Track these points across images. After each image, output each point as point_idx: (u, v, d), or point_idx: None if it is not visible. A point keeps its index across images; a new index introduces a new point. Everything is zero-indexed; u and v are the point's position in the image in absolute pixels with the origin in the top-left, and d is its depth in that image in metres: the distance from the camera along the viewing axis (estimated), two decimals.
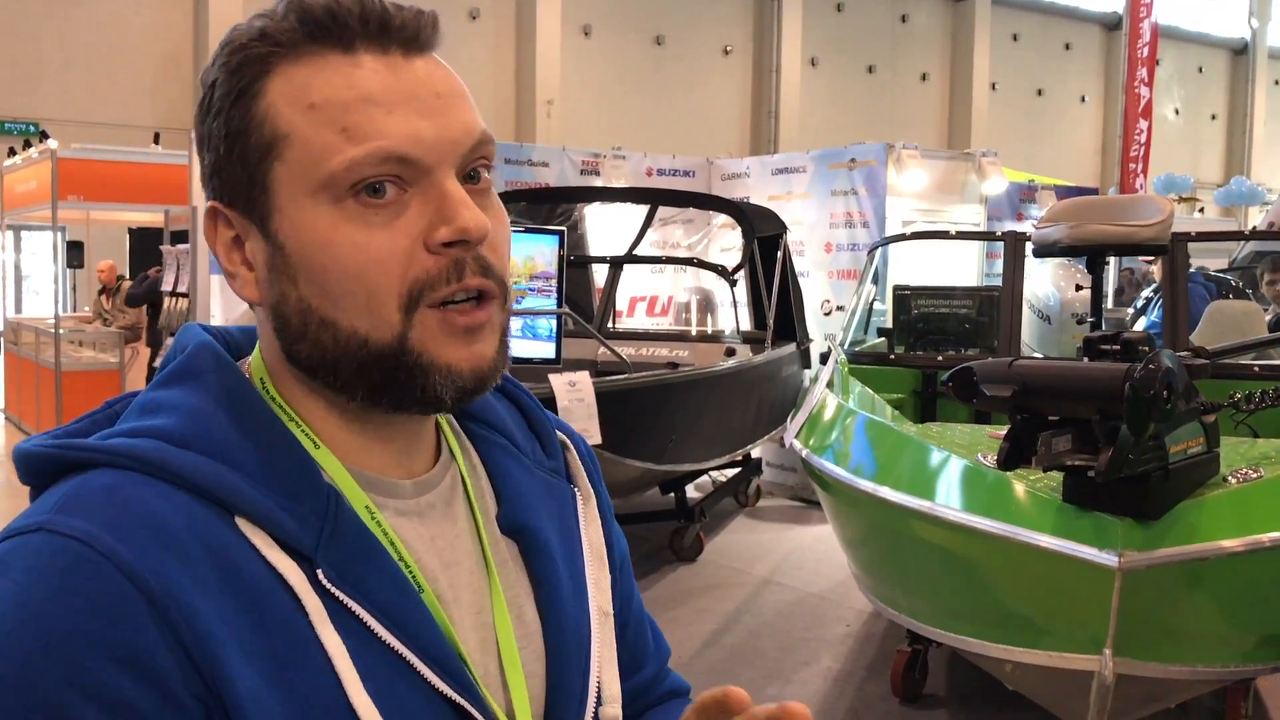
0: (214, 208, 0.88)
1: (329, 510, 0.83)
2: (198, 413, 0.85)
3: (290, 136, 0.83)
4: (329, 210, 0.83)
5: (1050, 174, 17.67)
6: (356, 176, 0.82)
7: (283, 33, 0.84)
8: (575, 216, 8.46)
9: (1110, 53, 29.75)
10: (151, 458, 0.81)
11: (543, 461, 1.05)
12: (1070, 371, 2.95)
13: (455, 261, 0.84)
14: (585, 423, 5.33)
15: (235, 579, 0.78)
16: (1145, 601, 3.02)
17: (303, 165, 0.83)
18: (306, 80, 0.84)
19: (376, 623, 0.81)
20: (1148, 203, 4.73)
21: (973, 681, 4.93)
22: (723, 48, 24.88)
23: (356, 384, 0.86)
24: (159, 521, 0.77)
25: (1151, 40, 13.13)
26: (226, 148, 0.86)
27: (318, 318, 0.84)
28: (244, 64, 0.85)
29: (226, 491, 0.81)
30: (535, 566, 0.98)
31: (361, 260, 0.82)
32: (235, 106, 0.85)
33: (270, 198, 0.84)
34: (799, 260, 9.25)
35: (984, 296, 5.95)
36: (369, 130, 0.82)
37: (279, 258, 0.85)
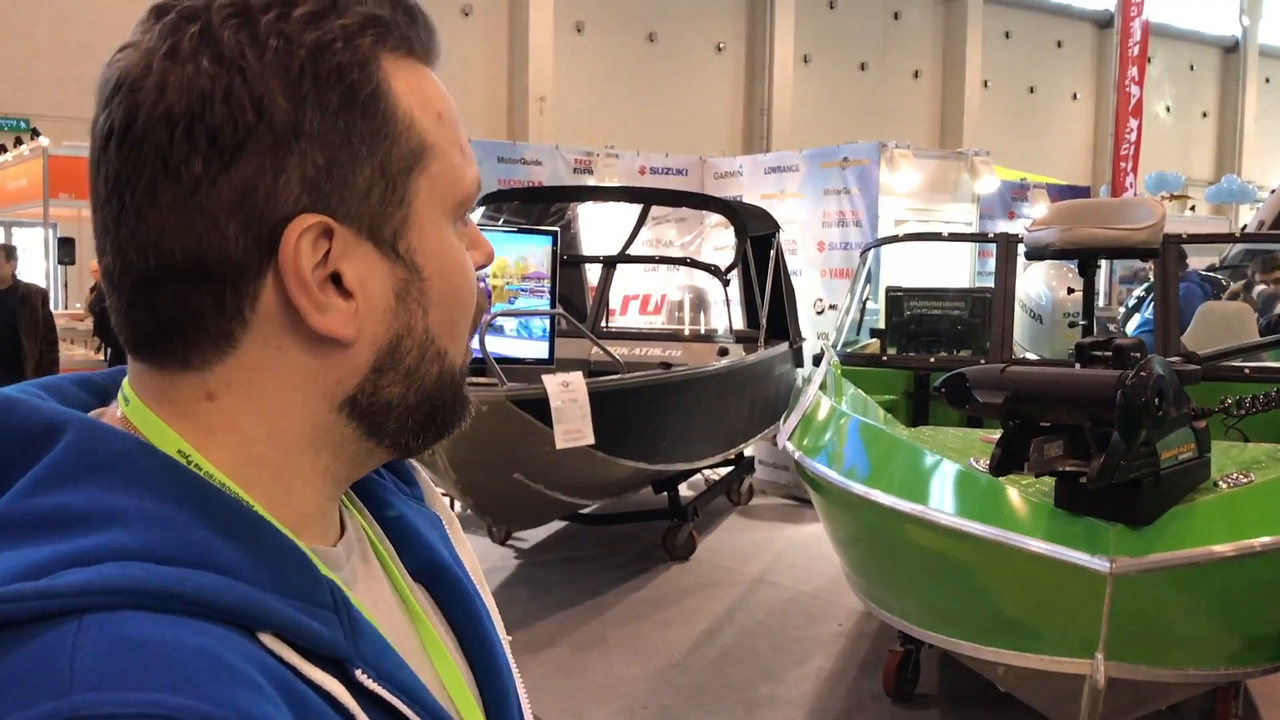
0: (316, 221, 0.68)
1: (338, 603, 0.70)
2: (155, 516, 0.65)
3: (434, 148, 0.73)
4: (455, 231, 0.76)
5: (1042, 171, 17.71)
6: (473, 200, 0.77)
7: (391, 21, 0.72)
8: (568, 216, 8.47)
9: (1102, 50, 29.80)
10: (148, 586, 0.60)
11: (406, 490, 0.94)
12: (1062, 378, 2.97)
13: (481, 288, 0.79)
14: (578, 423, 5.34)
15: (299, 702, 0.63)
16: (1137, 606, 3.04)
17: (444, 180, 0.74)
18: (420, 84, 0.73)
19: (405, 708, 0.71)
20: (1140, 206, 4.75)
21: (965, 681, 4.95)
22: (715, 44, 24.88)
23: (426, 423, 0.77)
24: (220, 659, 0.60)
25: (1142, 38, 13.14)
26: (366, 149, 0.70)
27: (435, 349, 0.75)
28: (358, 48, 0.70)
29: (254, 607, 0.64)
30: (453, 606, 0.88)
31: (473, 283, 0.77)
32: (374, 100, 0.70)
33: (410, 213, 0.72)
34: (792, 259, 9.27)
35: (976, 298, 5.97)
36: (469, 150, 0.77)
37: (414, 283, 0.73)
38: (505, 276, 6.04)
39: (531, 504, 5.88)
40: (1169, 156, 29.23)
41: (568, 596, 6.47)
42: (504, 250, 6.00)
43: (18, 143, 12.56)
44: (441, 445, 3.91)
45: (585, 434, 5.36)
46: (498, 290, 5.94)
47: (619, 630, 5.95)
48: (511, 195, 8.47)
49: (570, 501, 6.23)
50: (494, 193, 8.26)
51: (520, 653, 3.57)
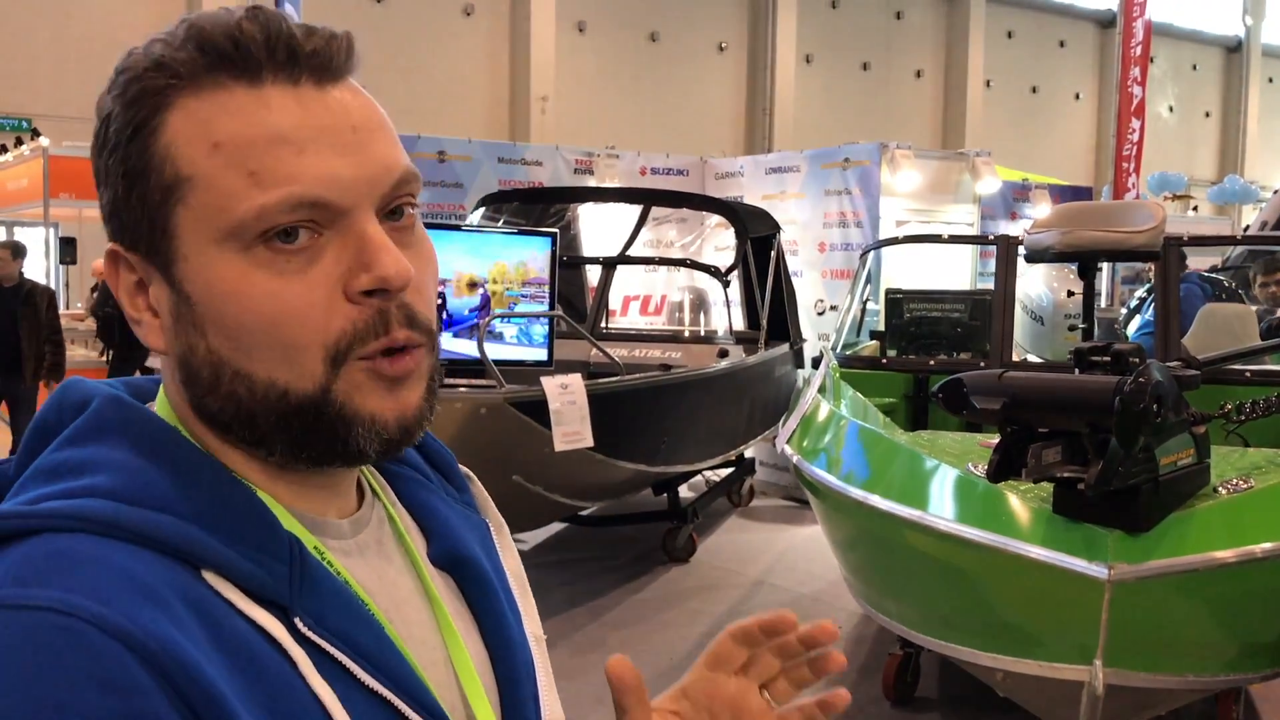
0: (114, 250, 0.81)
1: (294, 557, 0.78)
2: (132, 467, 0.78)
3: (194, 179, 0.77)
4: (238, 258, 0.77)
5: (1044, 172, 17.67)
6: (267, 224, 0.76)
7: (181, 62, 0.78)
8: (568, 216, 8.45)
9: (1105, 50, 29.76)
10: (104, 516, 0.73)
11: (454, 494, 1.02)
12: (1060, 384, 2.95)
13: (379, 312, 0.79)
14: (577, 425, 5.32)
15: (220, 632, 0.72)
16: (1135, 613, 3.02)
17: (208, 210, 0.77)
18: (209, 116, 0.77)
19: (359, 668, 0.78)
20: (1140, 209, 4.73)
21: (965, 685, 4.93)
22: (717, 44, 24.85)
23: (275, 437, 0.80)
24: (137, 579, 0.70)
25: (1145, 38, 13.11)
26: (125, 187, 0.79)
27: (231, 370, 0.79)
28: (140, 96, 0.78)
29: (193, 545, 0.75)
30: (476, 598, 0.95)
31: (275, 311, 0.77)
32: (133, 143, 0.78)
33: (173, 243, 0.78)
34: (792, 260, 9.25)
35: (976, 300, 5.95)
36: (279, 174, 0.76)
37: (184, 307, 0.79)
38: (505, 282, 6.02)
39: (531, 506, 5.86)
40: (1172, 157, 29.18)
41: (567, 598, 6.46)
42: (503, 254, 5.99)
43: (18, 143, 12.56)
44: None
45: (584, 436, 5.34)
46: (497, 296, 5.92)
47: (618, 632, 5.94)
48: (511, 196, 8.46)
49: (570, 503, 6.21)
50: (493, 194, 8.24)
51: None
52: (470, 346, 5.34)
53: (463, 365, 5.44)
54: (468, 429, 5.07)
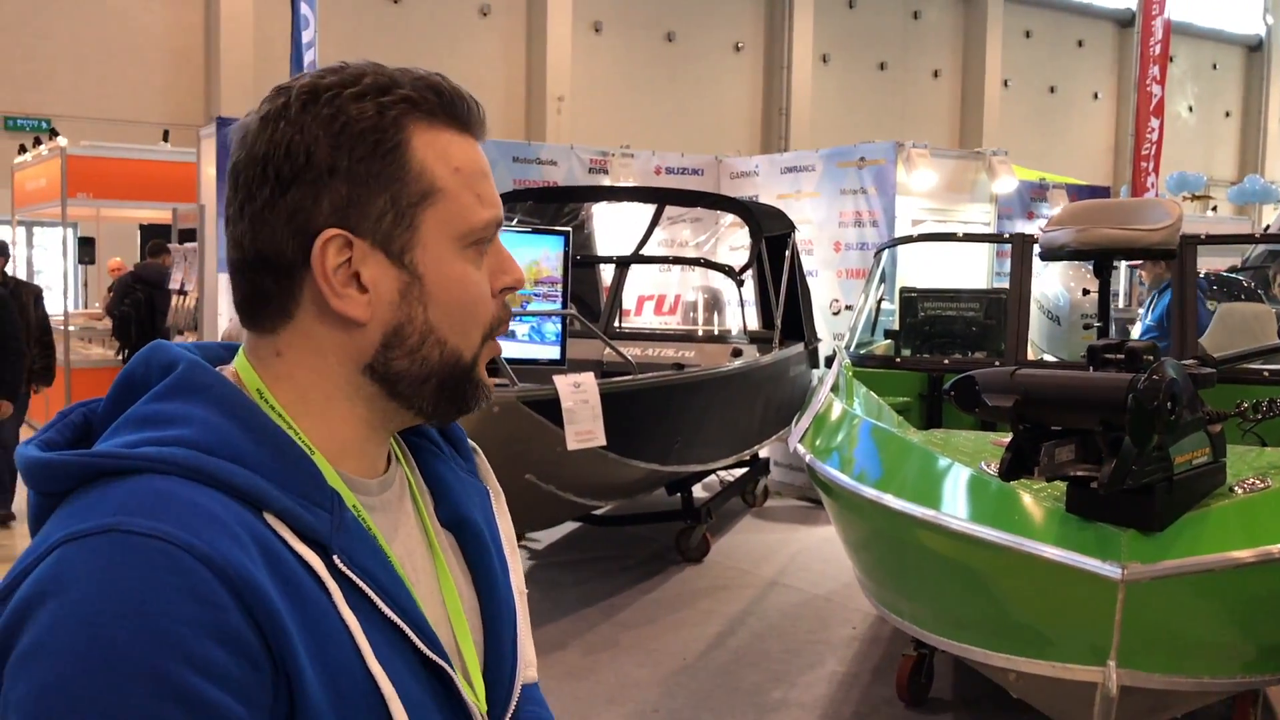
0: (337, 234, 0.99)
1: (335, 507, 0.98)
2: (211, 424, 0.96)
3: (444, 191, 1.02)
4: (460, 254, 1.03)
5: (1063, 172, 17.58)
6: (486, 234, 1.04)
7: (425, 101, 1.02)
8: (582, 215, 8.44)
9: (1123, 49, 29.61)
10: (190, 463, 0.92)
11: (462, 465, 1.23)
12: (1072, 382, 2.92)
13: (506, 305, 1.08)
14: (590, 424, 5.31)
15: (279, 566, 0.91)
16: (1149, 613, 2.99)
17: (451, 215, 1.02)
18: (446, 146, 1.03)
19: (380, 601, 0.97)
20: (1156, 206, 4.69)
21: (979, 686, 4.90)
22: (734, 44, 24.80)
23: (432, 394, 1.04)
24: (218, 518, 0.89)
25: (1164, 37, 13.02)
26: (378, 186, 0.99)
27: (435, 338, 1.02)
28: (387, 117, 1.00)
29: (259, 492, 0.93)
30: (472, 555, 1.16)
31: (478, 295, 1.04)
32: (392, 153, 1.00)
33: (416, 235, 1.01)
34: (808, 259, 9.22)
35: (991, 299, 5.91)
36: (489, 198, 1.05)
37: (415, 286, 1.01)
38: None
39: (544, 505, 5.85)
40: (1191, 156, 29.01)
41: (580, 598, 6.45)
42: (517, 253, 5.96)
43: (36, 143, 12.60)
44: None
45: (597, 435, 5.33)
46: None
47: (631, 632, 5.92)
48: (525, 195, 8.45)
49: (583, 503, 6.20)
50: (508, 193, 8.24)
51: None
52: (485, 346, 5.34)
53: None
54: (481, 427, 5.07)
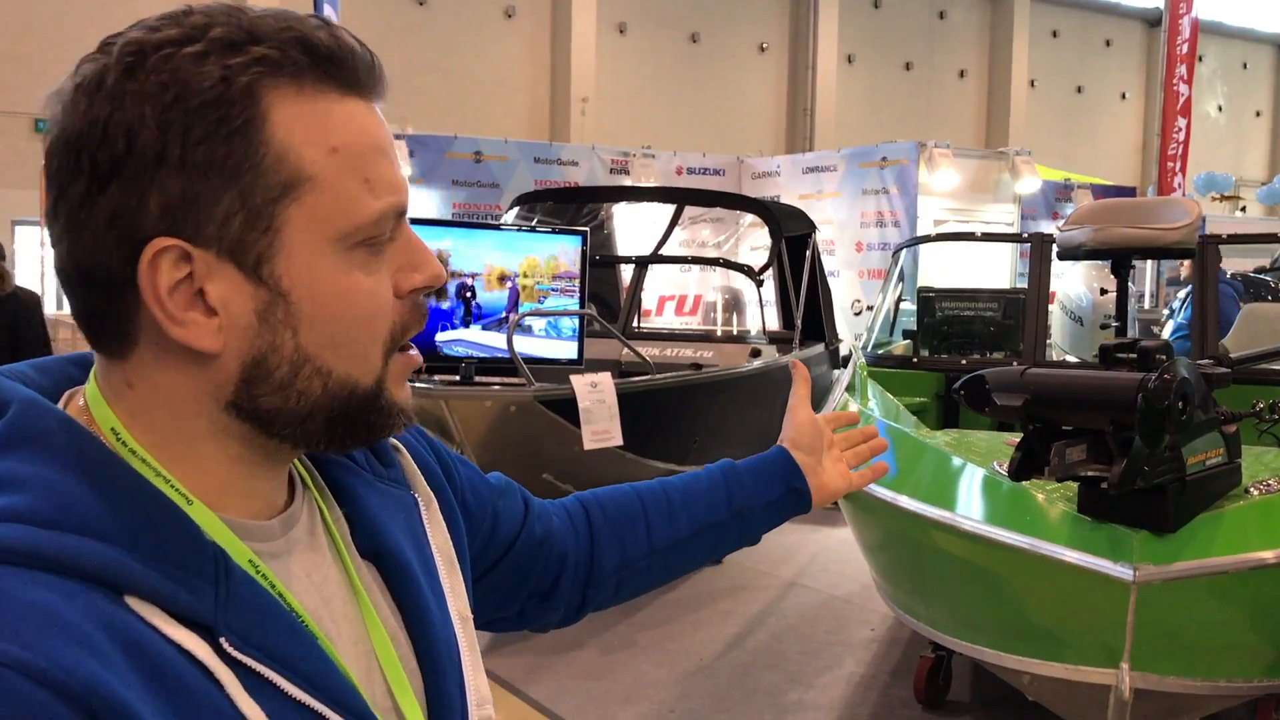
0: (170, 245, 0.76)
1: (219, 574, 0.77)
2: (51, 486, 0.74)
3: (315, 179, 0.78)
4: (342, 258, 0.80)
5: (1090, 172, 17.47)
6: (379, 230, 0.82)
7: (285, 59, 0.77)
8: (602, 216, 8.44)
9: (1152, 49, 29.35)
10: (21, 546, 0.71)
11: (381, 473, 1.02)
12: (1083, 381, 2.90)
13: (418, 306, 0.86)
14: (606, 423, 5.31)
15: (147, 663, 0.71)
16: (1163, 615, 2.96)
17: (327, 211, 0.79)
18: (321, 120, 0.79)
19: (287, 682, 0.78)
20: (1175, 205, 4.64)
21: (997, 688, 4.86)
22: (759, 45, 24.76)
23: (322, 432, 0.84)
24: (59, 617, 0.68)
25: (1191, 36, 12.93)
26: (222, 180, 0.76)
27: (312, 367, 0.81)
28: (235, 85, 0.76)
29: (112, 571, 0.73)
30: (399, 589, 0.96)
31: (372, 308, 0.82)
32: (238, 134, 0.76)
33: (278, 240, 0.78)
34: (829, 259, 9.20)
35: (1010, 299, 5.88)
36: (384, 182, 0.81)
37: (278, 304, 0.79)
38: (535, 276, 6.02)
39: None
40: (1221, 157, 28.76)
41: None
42: (535, 250, 5.99)
43: None
44: (470, 444, 3.91)
45: (613, 435, 5.33)
46: (527, 290, 5.92)
47: (648, 632, 5.91)
48: (545, 196, 8.47)
49: None
50: (527, 193, 8.26)
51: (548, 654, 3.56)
52: (499, 339, 5.35)
53: (492, 363, 5.45)
54: (498, 427, 5.08)
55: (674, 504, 1.37)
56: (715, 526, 1.38)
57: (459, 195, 11.06)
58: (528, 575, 1.26)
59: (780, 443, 1.47)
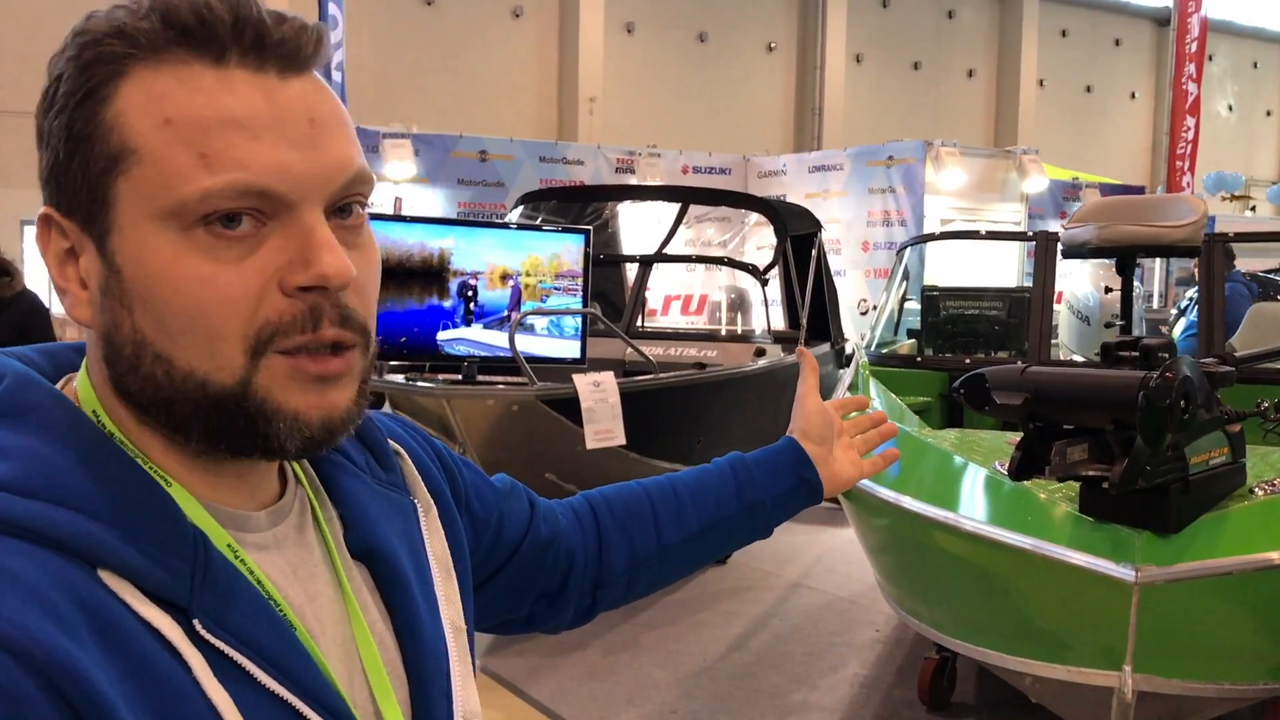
0: (47, 214, 0.80)
1: (197, 555, 0.77)
2: (36, 455, 0.75)
3: (139, 152, 0.76)
4: (175, 238, 0.76)
5: (1099, 172, 17.40)
6: (210, 208, 0.75)
7: (142, 32, 0.76)
8: (607, 215, 8.42)
9: (1161, 49, 29.26)
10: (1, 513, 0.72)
11: (380, 476, 1.00)
12: (1083, 379, 2.87)
13: (311, 308, 0.78)
14: (609, 423, 5.29)
15: (113, 638, 0.71)
16: (1165, 617, 2.92)
17: (151, 186, 0.76)
18: (165, 91, 0.76)
19: (259, 670, 0.77)
20: (1180, 203, 4.60)
21: (1002, 690, 4.83)
22: (766, 44, 24.72)
23: (192, 426, 0.79)
24: (23, 581, 0.69)
25: (1200, 35, 12.88)
26: (67, 152, 0.78)
27: (152, 351, 0.78)
28: (95, 60, 0.77)
29: (87, 543, 0.73)
30: (390, 593, 0.94)
31: (205, 297, 0.76)
32: (80, 107, 0.77)
33: (110, 214, 0.77)
34: (835, 259, 9.17)
35: (1014, 298, 5.84)
36: (229, 158, 0.75)
37: (114, 281, 0.78)
38: (538, 275, 6.00)
39: None
40: (1231, 156, 28.64)
41: None
42: (537, 249, 5.97)
43: None
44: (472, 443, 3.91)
45: (616, 434, 5.31)
46: (530, 289, 5.89)
47: (651, 633, 5.89)
48: (549, 194, 8.45)
49: None
50: (532, 192, 8.24)
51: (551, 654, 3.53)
52: (501, 338, 5.33)
53: (495, 362, 5.43)
54: (500, 426, 5.07)
55: (683, 501, 1.35)
56: (725, 521, 1.37)
57: (464, 194, 11.05)
58: (535, 577, 1.24)
59: (789, 433, 1.44)
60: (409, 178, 11.86)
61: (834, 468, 1.43)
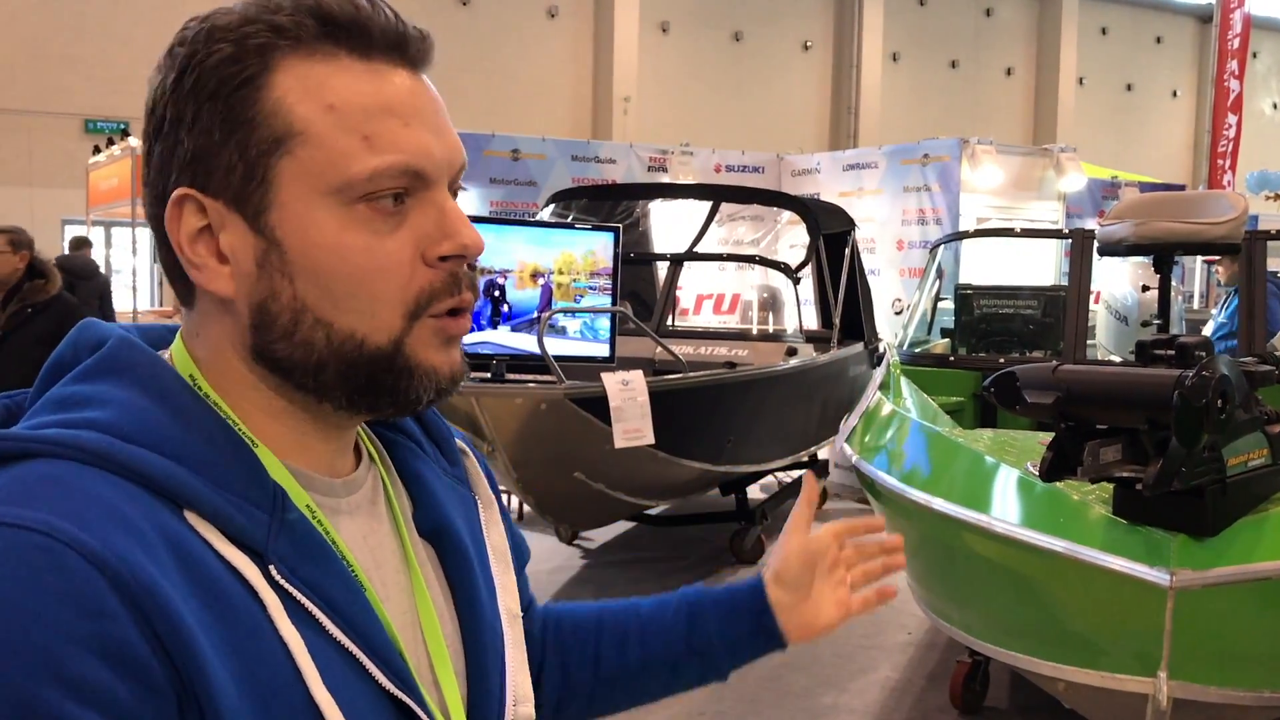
0: (185, 194, 0.85)
1: (276, 507, 0.83)
2: (133, 406, 0.83)
3: (306, 134, 0.84)
4: (339, 213, 0.84)
5: (1140, 171, 17.20)
6: (375, 186, 0.84)
7: (295, 25, 0.84)
8: (638, 213, 8.38)
9: (1203, 46, 28.86)
10: (96, 448, 0.78)
11: (447, 469, 1.07)
12: (1117, 378, 2.80)
13: (453, 275, 0.88)
14: (638, 422, 5.25)
15: (195, 570, 0.77)
16: (1201, 622, 2.85)
17: (318, 165, 0.84)
18: (324, 79, 0.84)
19: (328, 620, 0.83)
20: (1220, 199, 4.51)
21: (1035, 695, 4.75)
22: (802, 43, 24.64)
23: (338, 385, 0.87)
24: (117, 509, 0.75)
25: (1243, 32, 12.68)
26: (223, 134, 0.84)
27: (312, 317, 0.85)
28: (248, 51, 0.84)
29: (177, 484, 0.79)
30: (453, 569, 1.00)
31: (370, 266, 0.85)
32: (239, 92, 0.83)
33: (271, 192, 0.84)
34: (870, 258, 9.09)
35: (1050, 296, 5.76)
36: (389, 141, 0.84)
37: (275, 254, 0.85)
38: (571, 273, 5.95)
39: (593, 503, 5.80)
40: (1274, 154, 28.21)
41: None
42: (570, 246, 5.93)
43: (109, 143, 12.86)
44: (501, 442, 3.87)
45: (645, 433, 5.27)
46: (563, 288, 5.85)
47: None
48: (581, 193, 8.42)
49: (633, 502, 6.13)
50: (563, 190, 8.22)
51: None
52: (528, 341, 5.29)
53: (524, 361, 5.40)
54: (529, 425, 5.04)
55: (629, 633, 1.26)
56: (669, 663, 1.26)
57: (496, 194, 11.06)
58: None
59: (765, 570, 1.30)
60: None
61: (806, 615, 1.29)
